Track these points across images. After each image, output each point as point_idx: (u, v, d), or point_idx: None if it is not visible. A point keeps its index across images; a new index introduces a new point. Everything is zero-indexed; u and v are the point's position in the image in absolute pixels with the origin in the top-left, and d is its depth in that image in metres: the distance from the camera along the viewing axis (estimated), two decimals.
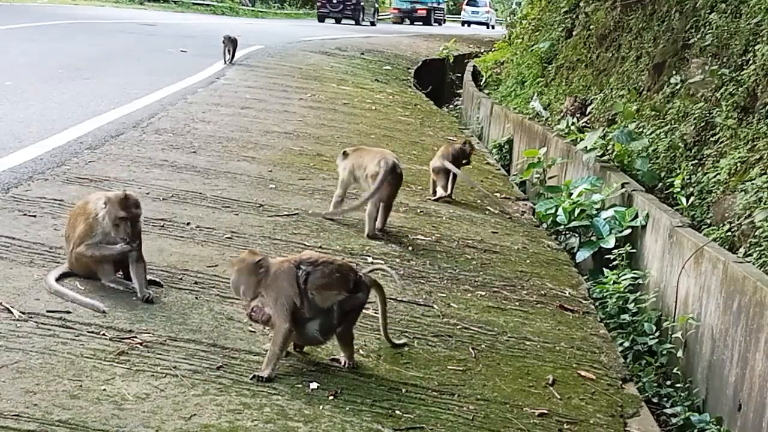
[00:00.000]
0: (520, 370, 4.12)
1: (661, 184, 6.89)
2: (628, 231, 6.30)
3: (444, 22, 54.51)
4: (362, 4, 43.51)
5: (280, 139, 8.64)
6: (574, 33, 12.58)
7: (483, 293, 5.10)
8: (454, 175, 7.39)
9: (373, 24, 45.00)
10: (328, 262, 3.64)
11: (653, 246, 5.94)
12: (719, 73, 6.90)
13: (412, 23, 50.73)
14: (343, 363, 3.73)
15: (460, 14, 59.76)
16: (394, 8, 53.73)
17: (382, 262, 5.31)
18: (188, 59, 15.26)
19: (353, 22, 42.35)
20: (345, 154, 6.06)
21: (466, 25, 54.57)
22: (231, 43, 14.86)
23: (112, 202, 4.05)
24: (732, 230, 5.48)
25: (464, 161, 7.65)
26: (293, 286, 3.50)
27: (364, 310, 4.39)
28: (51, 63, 12.41)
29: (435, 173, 7.40)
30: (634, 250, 6.18)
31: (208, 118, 9.23)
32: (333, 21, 42.60)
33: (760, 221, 5.11)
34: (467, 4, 57.59)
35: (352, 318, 3.71)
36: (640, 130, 7.67)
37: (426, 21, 51.09)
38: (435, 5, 53.07)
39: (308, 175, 7.27)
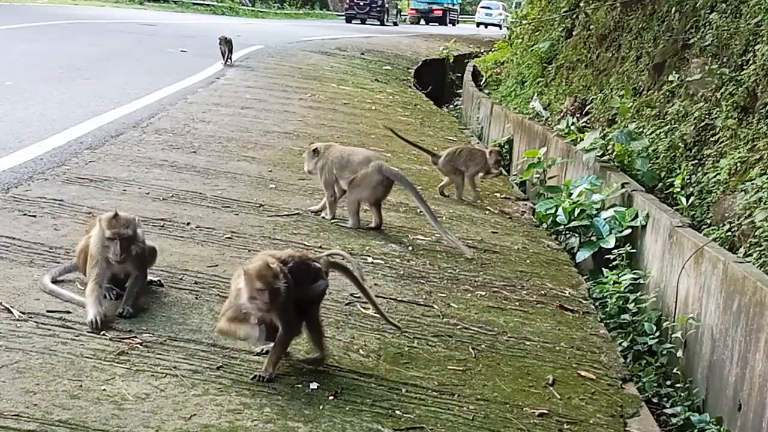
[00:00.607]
0: (520, 370, 4.12)
1: (661, 184, 6.89)
2: (628, 231, 6.30)
3: (457, 23, 55.56)
4: (386, 5, 45.71)
5: (280, 139, 8.65)
6: (574, 33, 12.59)
7: (483, 293, 5.10)
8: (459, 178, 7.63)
9: (395, 24, 47.40)
10: (293, 256, 3.59)
11: (653, 246, 5.94)
12: (719, 73, 6.90)
13: (428, 23, 52.69)
14: (316, 356, 3.69)
15: (472, 15, 61.53)
16: (412, 8, 55.97)
17: (382, 262, 5.32)
18: (188, 59, 15.27)
19: (378, 22, 44.89)
20: (316, 152, 5.98)
21: (482, 26, 55.64)
22: (227, 43, 14.85)
23: (101, 222, 3.90)
24: (732, 230, 5.48)
25: (483, 168, 7.71)
26: (290, 287, 3.48)
27: (364, 310, 4.41)
28: (51, 63, 12.42)
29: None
30: (634, 250, 6.18)
31: (208, 118, 9.23)
32: (359, 21, 44.65)
33: (761, 221, 5.10)
34: (482, 7, 59.09)
35: (317, 306, 3.71)
36: (640, 130, 7.67)
37: (441, 21, 53.20)
38: (450, 6, 55.40)
39: (308, 175, 7.26)
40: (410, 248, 5.73)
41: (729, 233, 5.47)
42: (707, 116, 6.91)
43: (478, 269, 5.55)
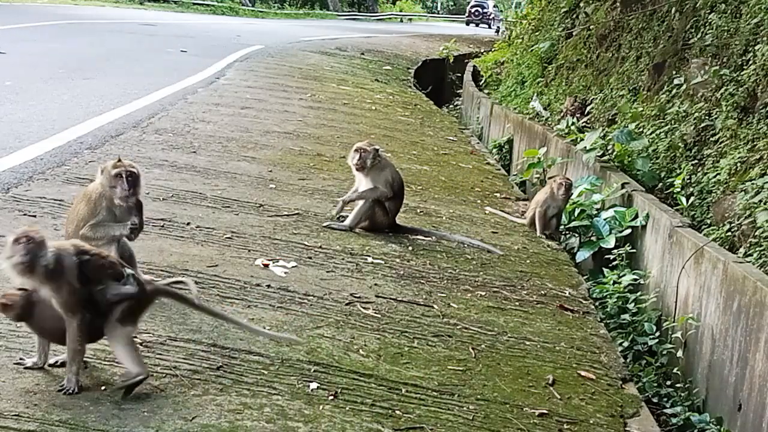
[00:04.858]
0: (520, 370, 4.12)
1: (661, 184, 6.90)
2: (628, 231, 6.30)
3: None
4: (492, 16, 60.53)
5: (280, 139, 8.64)
6: (574, 33, 12.58)
7: (483, 293, 5.10)
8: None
9: (497, 30, 58.20)
10: (91, 252, 3.25)
11: (653, 246, 5.94)
12: (720, 73, 6.90)
13: None
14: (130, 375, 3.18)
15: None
16: None
17: (382, 262, 5.32)
18: (188, 59, 15.26)
19: (487, 26, 58.71)
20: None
21: None
22: None
23: (106, 167, 3.95)
24: (732, 230, 5.48)
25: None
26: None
27: (364, 310, 4.41)
28: (51, 63, 12.42)
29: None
30: (634, 250, 6.18)
31: (208, 118, 9.22)
32: (474, 25, 59.95)
33: (762, 222, 5.10)
34: None
35: (120, 315, 3.19)
36: (640, 130, 7.67)
37: None
38: None
39: (308, 175, 7.27)
40: (410, 248, 5.73)
41: (729, 233, 5.47)
42: (707, 116, 6.91)
43: (478, 269, 5.55)
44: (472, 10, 63.61)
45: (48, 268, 3.07)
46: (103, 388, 3.18)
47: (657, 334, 5.41)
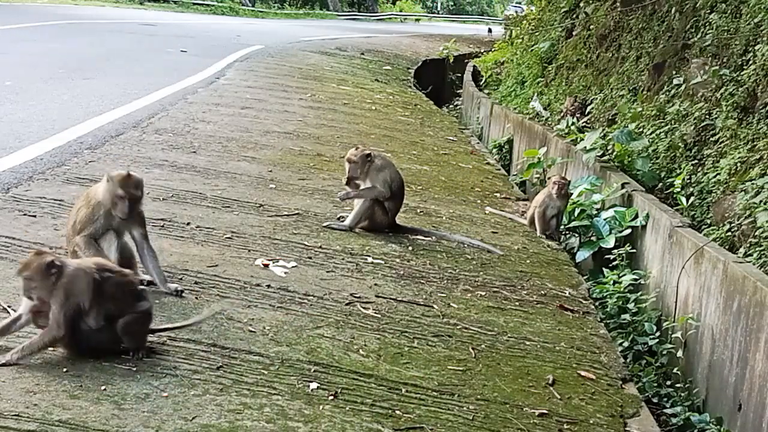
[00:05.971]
0: (520, 370, 4.12)
1: (661, 184, 6.90)
2: (628, 231, 6.30)
3: None
4: None
5: (280, 139, 8.64)
6: (574, 33, 12.59)
7: (483, 293, 5.10)
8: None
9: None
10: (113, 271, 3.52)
11: (653, 246, 5.94)
12: (720, 73, 6.90)
13: None
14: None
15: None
16: None
17: (382, 262, 5.32)
18: (188, 59, 15.26)
19: None
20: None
21: None
22: None
23: (113, 179, 4.00)
24: (732, 230, 5.48)
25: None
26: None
27: (364, 310, 4.41)
28: (51, 63, 12.41)
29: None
30: (634, 250, 6.18)
31: (208, 118, 9.22)
32: None
33: (762, 222, 5.10)
34: None
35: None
36: (640, 130, 7.67)
37: None
38: None
39: (308, 175, 7.27)
40: (410, 248, 5.73)
41: (729, 233, 5.48)
42: (707, 116, 6.92)
43: (478, 269, 5.55)
44: (509, 14, 66.19)
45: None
46: (103, 388, 3.19)
47: (657, 334, 5.41)
